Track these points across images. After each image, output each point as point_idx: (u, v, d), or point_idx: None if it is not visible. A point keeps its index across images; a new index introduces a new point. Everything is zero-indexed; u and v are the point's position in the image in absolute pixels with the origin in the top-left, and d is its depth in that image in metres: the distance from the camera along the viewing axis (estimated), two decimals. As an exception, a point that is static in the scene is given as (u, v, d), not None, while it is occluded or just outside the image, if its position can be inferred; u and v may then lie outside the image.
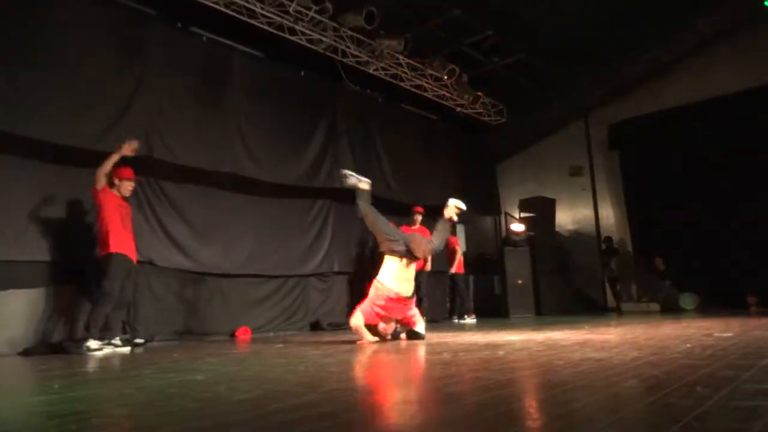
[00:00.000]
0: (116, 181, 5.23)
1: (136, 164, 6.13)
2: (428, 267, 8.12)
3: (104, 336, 5.00)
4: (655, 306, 9.43)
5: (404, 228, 8.49)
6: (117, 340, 5.09)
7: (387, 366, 3.16)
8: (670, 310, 8.90)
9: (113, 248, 5.01)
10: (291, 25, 7.47)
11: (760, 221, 8.69)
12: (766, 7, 7.86)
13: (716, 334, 4.05)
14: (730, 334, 4.01)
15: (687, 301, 9.03)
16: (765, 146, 8.72)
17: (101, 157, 5.25)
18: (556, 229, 10.90)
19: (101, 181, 5.04)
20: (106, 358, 4.51)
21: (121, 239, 5.05)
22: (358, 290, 8.64)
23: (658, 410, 1.71)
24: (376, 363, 3.37)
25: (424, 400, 2.06)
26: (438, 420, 1.73)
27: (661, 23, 8.69)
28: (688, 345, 3.45)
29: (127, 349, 5.04)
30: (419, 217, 8.53)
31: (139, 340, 5.58)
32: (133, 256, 5.23)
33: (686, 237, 9.45)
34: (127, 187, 5.32)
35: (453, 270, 9.06)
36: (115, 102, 5.86)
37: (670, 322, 5.91)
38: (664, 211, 9.85)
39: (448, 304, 9.63)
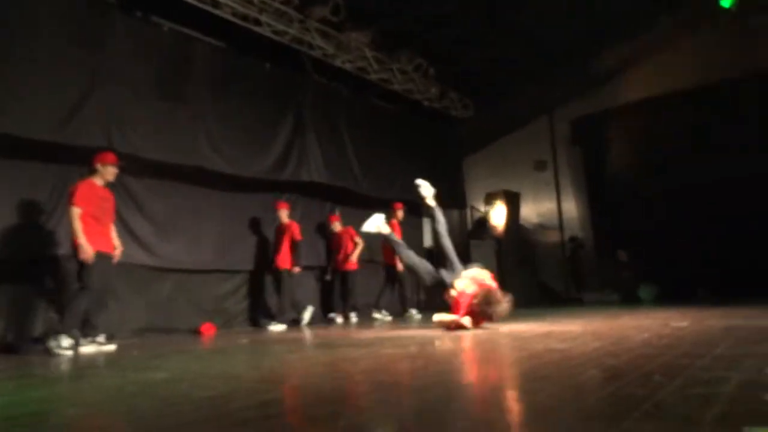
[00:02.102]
0: (99, 167, 5.01)
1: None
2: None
3: (88, 334, 4.85)
4: (615, 297, 9.68)
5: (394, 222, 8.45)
6: (101, 338, 4.94)
7: (353, 361, 3.15)
8: (630, 300, 9.15)
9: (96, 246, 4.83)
10: (256, 15, 7.34)
11: (713, 216, 9.01)
12: (721, 7, 8.11)
13: (672, 325, 4.19)
14: (685, 324, 4.15)
15: (646, 292, 9.30)
16: (722, 142, 9.03)
17: (57, 150, 5.06)
18: (521, 222, 11.07)
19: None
20: (67, 358, 4.37)
21: (95, 236, 4.83)
22: (325, 286, 8.65)
23: (617, 399, 1.75)
24: (342, 358, 3.36)
25: (390, 394, 2.06)
26: (403, 413, 1.74)
27: (624, 21, 8.88)
28: (646, 335, 3.55)
29: (113, 347, 4.88)
30: (401, 213, 8.57)
31: (99, 339, 5.41)
32: (111, 250, 5.03)
33: (645, 230, 9.73)
34: (112, 171, 5.09)
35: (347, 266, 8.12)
36: (72, 92, 5.63)
37: (630, 313, 6.08)
38: (623, 205, 10.12)
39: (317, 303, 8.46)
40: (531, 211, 11.33)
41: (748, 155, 8.77)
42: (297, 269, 7.32)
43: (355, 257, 8.13)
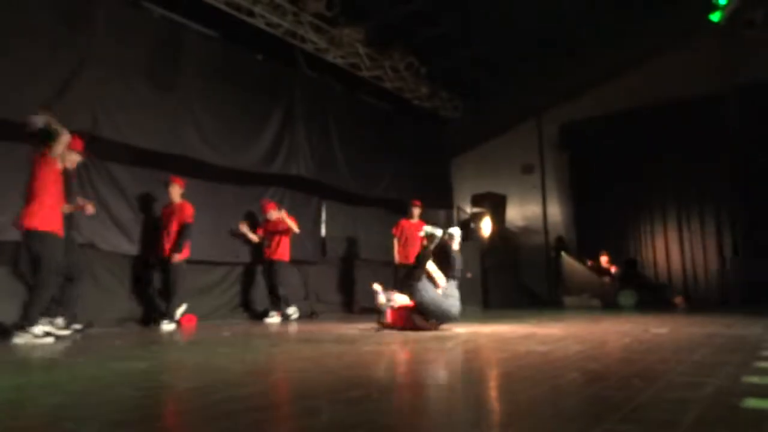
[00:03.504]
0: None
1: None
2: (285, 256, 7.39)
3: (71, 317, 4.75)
4: (596, 302, 9.79)
5: (403, 222, 8.49)
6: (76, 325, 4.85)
7: (336, 357, 3.15)
8: (611, 306, 9.26)
9: (49, 226, 4.65)
10: (249, 6, 7.28)
11: (694, 224, 9.19)
12: (710, 20, 8.21)
13: (652, 330, 4.25)
14: (664, 331, 4.21)
15: (626, 298, 9.41)
16: (703, 153, 9.20)
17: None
18: (506, 224, 11.14)
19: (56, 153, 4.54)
20: (43, 345, 4.31)
21: (55, 215, 4.63)
22: (308, 279, 8.62)
23: (597, 402, 1.77)
24: (324, 353, 3.36)
25: (372, 391, 2.07)
26: (385, 410, 1.74)
27: (614, 28, 8.97)
28: (627, 340, 3.60)
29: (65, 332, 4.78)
30: (417, 211, 8.52)
31: (77, 326, 5.33)
32: (62, 231, 4.78)
33: (626, 237, 9.90)
34: (74, 159, 4.87)
35: (275, 256, 7.33)
36: (58, 76, 5.53)
37: (610, 318, 6.15)
38: (607, 211, 10.26)
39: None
40: (516, 214, 11.40)
41: (730, 165, 8.96)
42: (175, 259, 6.17)
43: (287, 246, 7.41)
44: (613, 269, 9.85)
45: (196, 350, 3.88)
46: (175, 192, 6.40)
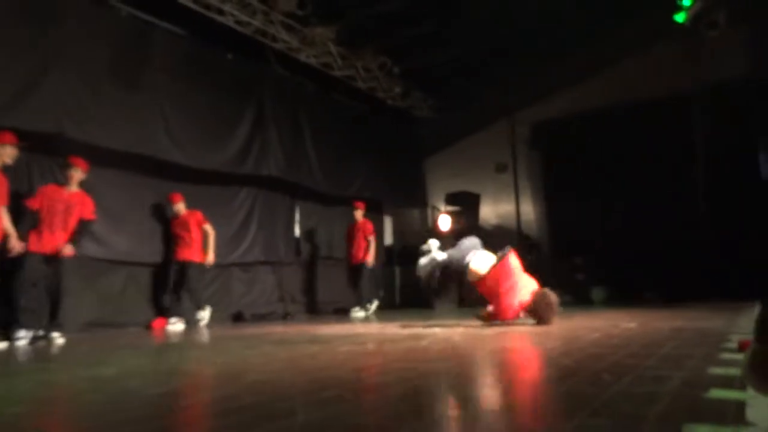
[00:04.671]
0: None
1: (47, 143, 5.70)
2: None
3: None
4: (568, 298, 9.93)
5: (349, 227, 8.66)
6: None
7: (310, 357, 3.13)
8: (582, 302, 9.41)
9: None
10: (218, 5, 7.18)
11: (661, 222, 9.41)
12: (675, 21, 8.41)
13: (621, 326, 4.33)
14: (633, 325, 4.30)
15: (597, 294, 9.58)
16: (672, 152, 9.43)
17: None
18: (480, 223, 11.24)
19: None
20: (6, 352, 4.18)
21: None
22: (282, 280, 8.57)
23: (569, 397, 1.80)
24: (300, 354, 3.33)
25: (347, 391, 2.06)
26: (358, 410, 1.74)
27: (585, 30, 9.11)
28: (597, 335, 3.66)
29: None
30: (359, 212, 8.62)
31: (40, 332, 5.18)
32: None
33: (598, 234, 10.07)
34: (9, 153, 4.67)
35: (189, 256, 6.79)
36: (22, 75, 5.39)
37: (582, 314, 6.26)
38: (578, 209, 10.41)
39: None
40: (490, 213, 11.51)
41: (697, 165, 9.20)
42: (69, 251, 5.29)
43: (211, 249, 6.87)
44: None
45: (166, 354, 3.82)
46: (77, 177, 5.41)
